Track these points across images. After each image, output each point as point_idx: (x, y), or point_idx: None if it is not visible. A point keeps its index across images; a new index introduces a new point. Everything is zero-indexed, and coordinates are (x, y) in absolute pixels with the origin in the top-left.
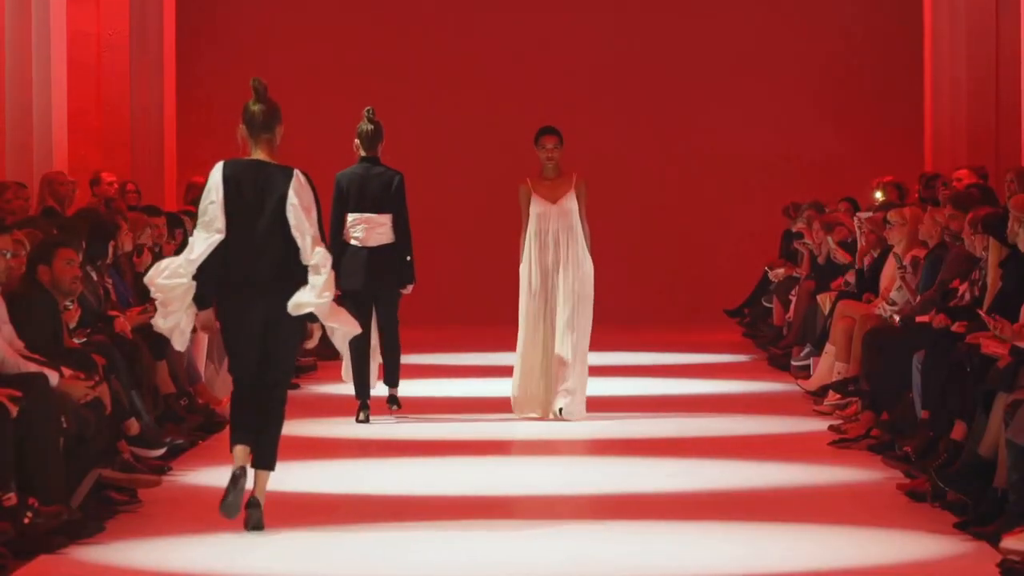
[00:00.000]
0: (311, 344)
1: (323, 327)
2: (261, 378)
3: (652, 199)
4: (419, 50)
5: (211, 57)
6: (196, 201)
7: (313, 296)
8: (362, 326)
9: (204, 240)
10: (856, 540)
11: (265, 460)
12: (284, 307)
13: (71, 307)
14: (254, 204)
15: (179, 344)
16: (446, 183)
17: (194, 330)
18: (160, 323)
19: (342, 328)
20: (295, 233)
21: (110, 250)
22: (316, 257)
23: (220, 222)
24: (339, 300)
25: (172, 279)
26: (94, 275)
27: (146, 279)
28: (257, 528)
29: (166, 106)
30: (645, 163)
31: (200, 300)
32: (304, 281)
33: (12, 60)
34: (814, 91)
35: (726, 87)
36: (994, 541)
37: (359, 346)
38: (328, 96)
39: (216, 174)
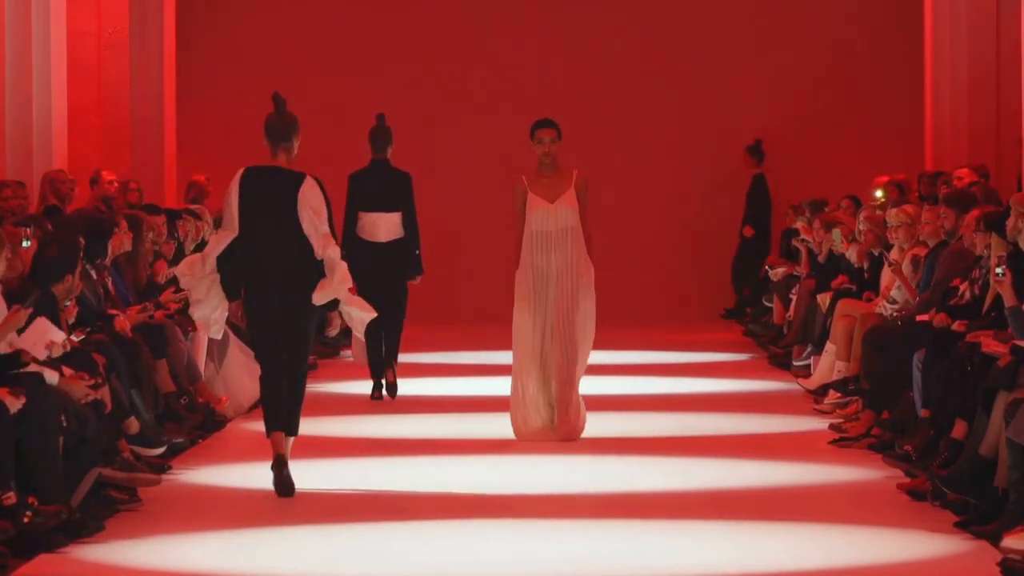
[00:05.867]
0: (333, 332)
1: (341, 315)
2: (284, 360)
3: (652, 198)
4: (417, 50)
5: (211, 56)
6: (196, 200)
7: (333, 286)
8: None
9: (219, 238)
10: (856, 540)
11: (289, 427)
12: (301, 298)
13: (68, 305)
14: (270, 206)
15: (216, 333)
16: (445, 182)
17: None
18: (194, 313)
19: (360, 314)
20: (307, 231)
21: (109, 249)
22: (329, 252)
23: (234, 222)
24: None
25: (195, 272)
26: (93, 274)
27: (175, 270)
28: (286, 490)
29: (166, 106)
30: (645, 162)
31: (228, 292)
32: (317, 275)
33: (12, 60)
34: (814, 90)
35: (727, 86)
36: (995, 540)
37: (372, 331)
38: (327, 96)
39: (235, 180)
